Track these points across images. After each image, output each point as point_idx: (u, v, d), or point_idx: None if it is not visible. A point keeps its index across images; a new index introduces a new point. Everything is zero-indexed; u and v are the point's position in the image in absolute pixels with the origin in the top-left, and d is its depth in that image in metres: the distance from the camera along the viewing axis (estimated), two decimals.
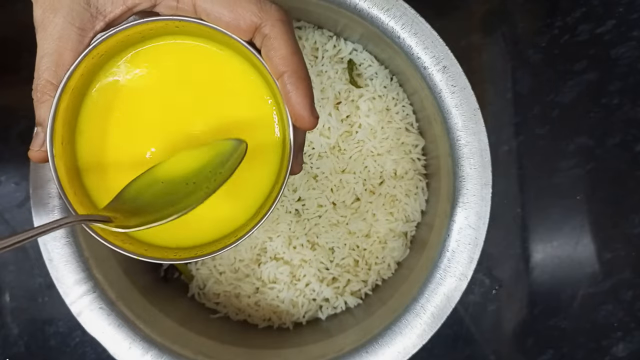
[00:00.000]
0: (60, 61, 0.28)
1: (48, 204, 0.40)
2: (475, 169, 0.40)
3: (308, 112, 0.28)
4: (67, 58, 0.28)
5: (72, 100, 0.29)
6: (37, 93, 0.29)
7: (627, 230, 0.55)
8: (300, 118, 0.28)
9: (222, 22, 0.27)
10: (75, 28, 0.28)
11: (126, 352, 0.40)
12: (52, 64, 0.28)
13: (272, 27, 0.27)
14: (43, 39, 0.28)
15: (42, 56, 0.28)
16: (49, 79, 0.28)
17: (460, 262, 0.40)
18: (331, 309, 0.51)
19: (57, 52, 0.28)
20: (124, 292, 0.43)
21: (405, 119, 0.50)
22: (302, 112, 0.28)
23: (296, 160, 0.30)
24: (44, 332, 0.54)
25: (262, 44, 0.28)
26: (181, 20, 0.28)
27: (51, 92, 0.28)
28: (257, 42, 0.28)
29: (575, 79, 0.55)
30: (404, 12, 0.40)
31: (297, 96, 0.28)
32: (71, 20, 0.28)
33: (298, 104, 0.28)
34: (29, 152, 0.30)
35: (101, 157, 0.31)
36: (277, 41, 0.27)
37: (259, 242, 0.50)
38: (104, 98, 0.30)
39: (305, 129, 0.29)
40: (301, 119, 0.28)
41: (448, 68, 0.40)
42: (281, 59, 0.28)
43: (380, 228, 0.50)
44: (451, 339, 0.54)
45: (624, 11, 0.55)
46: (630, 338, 0.54)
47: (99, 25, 0.28)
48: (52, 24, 0.28)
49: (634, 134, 0.55)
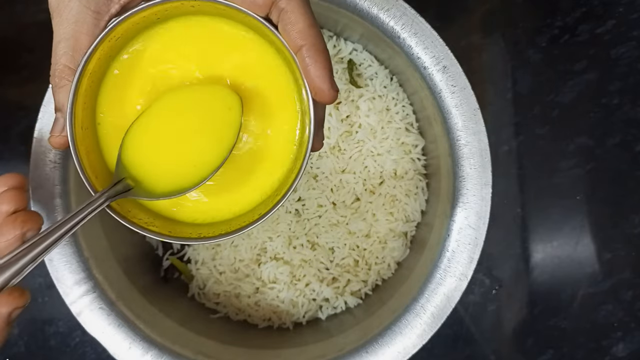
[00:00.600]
0: (77, 45, 0.28)
1: (48, 203, 0.40)
2: (475, 169, 0.40)
3: (328, 85, 0.28)
4: (83, 42, 0.28)
5: (90, 84, 0.29)
6: (55, 78, 0.28)
7: (627, 230, 0.55)
8: (320, 91, 0.28)
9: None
10: (91, 12, 0.28)
11: (126, 352, 0.40)
12: (69, 48, 0.28)
13: (288, 1, 0.27)
14: (59, 24, 0.28)
15: (58, 41, 0.28)
16: (67, 63, 0.28)
17: (460, 262, 0.40)
18: (331, 309, 0.51)
19: (73, 37, 0.28)
20: (124, 292, 0.43)
21: (405, 119, 0.50)
22: (322, 85, 0.27)
23: (317, 136, 0.30)
24: (44, 332, 0.54)
25: (279, 18, 0.27)
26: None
27: (69, 77, 0.28)
28: (273, 17, 0.28)
29: (575, 79, 0.55)
30: (404, 12, 0.40)
31: (316, 69, 0.27)
32: (86, 4, 0.28)
33: (318, 77, 0.27)
34: (49, 138, 0.30)
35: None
36: (294, 15, 0.27)
37: (259, 242, 0.50)
38: (122, 81, 0.30)
39: (325, 102, 0.28)
40: (321, 92, 0.28)
41: (448, 68, 0.40)
42: (299, 32, 0.27)
43: (380, 228, 0.50)
44: (451, 339, 0.54)
45: (624, 11, 0.55)
46: (630, 338, 0.54)
47: (114, 8, 0.28)
48: (67, 9, 0.28)
49: (634, 134, 0.55)
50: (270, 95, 0.31)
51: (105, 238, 0.45)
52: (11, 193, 0.30)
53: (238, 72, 0.30)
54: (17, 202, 0.30)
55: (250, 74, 0.30)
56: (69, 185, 0.41)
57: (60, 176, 0.41)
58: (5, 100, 0.56)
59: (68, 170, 0.41)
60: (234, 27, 0.30)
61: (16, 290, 0.28)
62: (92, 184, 0.29)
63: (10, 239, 0.28)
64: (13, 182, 0.31)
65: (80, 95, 0.28)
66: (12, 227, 0.28)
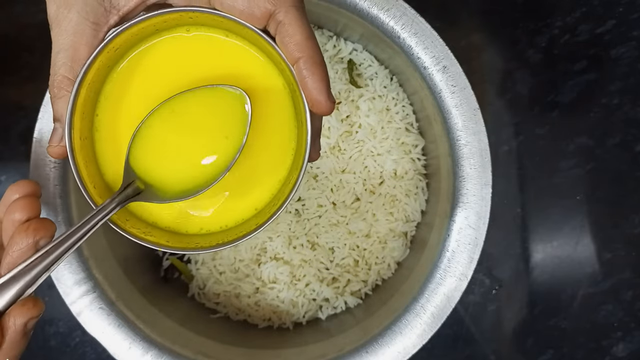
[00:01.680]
0: (75, 56, 0.28)
1: (48, 203, 0.40)
2: (475, 169, 0.40)
3: (325, 97, 0.28)
4: (82, 53, 0.28)
5: (88, 94, 0.29)
6: (54, 89, 0.29)
7: (627, 230, 0.55)
8: (317, 103, 0.28)
9: (236, 10, 0.27)
10: (90, 23, 0.28)
11: (126, 352, 0.40)
12: (67, 59, 0.28)
13: (285, 14, 0.27)
14: (58, 35, 0.28)
15: (57, 52, 0.28)
16: (66, 74, 0.28)
17: (460, 262, 0.40)
18: (331, 309, 0.51)
19: (72, 47, 0.28)
20: (124, 292, 0.43)
21: (405, 119, 0.50)
22: (319, 97, 0.28)
23: (314, 146, 0.30)
24: (44, 332, 0.54)
25: (277, 31, 0.28)
26: (195, 11, 0.28)
27: (68, 88, 0.28)
28: (271, 29, 0.28)
29: (575, 79, 0.55)
30: (404, 12, 0.40)
31: (313, 81, 0.28)
32: (85, 15, 0.28)
33: (315, 89, 0.28)
34: (48, 147, 0.30)
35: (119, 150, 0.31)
36: (292, 27, 0.27)
37: (259, 242, 0.50)
38: (120, 91, 0.31)
39: (322, 113, 0.29)
40: (318, 104, 0.28)
41: (448, 68, 0.40)
42: (296, 44, 0.27)
43: (380, 228, 0.50)
44: (451, 339, 0.54)
45: (624, 11, 0.55)
46: (630, 338, 0.54)
47: (112, 19, 0.28)
48: (66, 20, 0.28)
49: (634, 134, 0.55)
50: (267, 107, 0.31)
51: (105, 238, 0.45)
52: (24, 201, 0.30)
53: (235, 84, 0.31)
54: (30, 211, 0.30)
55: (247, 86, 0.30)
56: (68, 185, 0.41)
57: (60, 176, 0.41)
58: (5, 100, 0.56)
59: (68, 170, 0.41)
60: (232, 39, 0.30)
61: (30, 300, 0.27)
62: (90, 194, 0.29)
63: (23, 247, 0.28)
64: (25, 190, 0.31)
65: (79, 105, 0.28)
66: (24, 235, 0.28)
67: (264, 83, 0.31)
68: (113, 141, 0.31)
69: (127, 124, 0.31)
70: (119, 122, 0.31)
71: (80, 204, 0.42)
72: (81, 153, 0.29)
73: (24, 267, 0.26)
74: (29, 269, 0.26)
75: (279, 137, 0.31)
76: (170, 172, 0.30)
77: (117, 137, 0.31)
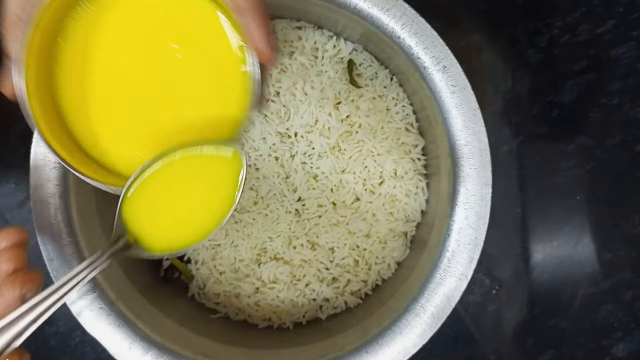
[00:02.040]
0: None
1: (48, 203, 0.40)
2: (475, 169, 0.40)
3: (265, 45, 0.31)
4: None
5: (44, 39, 0.29)
6: (7, 27, 0.28)
7: (627, 230, 0.55)
8: (261, 53, 0.31)
9: None
10: None
11: (126, 352, 0.40)
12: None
13: None
14: None
15: None
16: (18, 13, 0.28)
17: (460, 262, 0.40)
18: (331, 309, 0.51)
19: None
20: (124, 292, 0.43)
21: (405, 119, 0.50)
22: (263, 47, 0.30)
23: (263, 95, 0.32)
24: (44, 332, 0.54)
25: None
26: None
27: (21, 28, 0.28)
28: None
29: (575, 79, 0.55)
30: (404, 12, 0.40)
31: (258, 33, 0.30)
32: None
33: (259, 41, 0.30)
34: (0, 86, 0.30)
35: (83, 100, 0.31)
36: None
37: (259, 242, 0.50)
38: (77, 40, 0.30)
39: (264, 61, 0.31)
40: (260, 53, 0.31)
41: (448, 68, 0.40)
42: None
43: (380, 228, 0.50)
44: (451, 339, 0.54)
45: (624, 11, 0.55)
46: (630, 338, 0.54)
47: None
48: None
49: (634, 134, 0.55)
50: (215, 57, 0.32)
51: (105, 238, 0.45)
52: (11, 252, 0.29)
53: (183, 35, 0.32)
54: (17, 261, 0.29)
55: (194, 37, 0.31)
56: (69, 185, 0.41)
57: (60, 176, 0.41)
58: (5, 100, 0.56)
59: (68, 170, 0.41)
60: None
61: (16, 353, 0.27)
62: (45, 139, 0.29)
63: (10, 300, 0.28)
64: (13, 239, 0.30)
65: (34, 49, 0.28)
66: (11, 287, 0.28)
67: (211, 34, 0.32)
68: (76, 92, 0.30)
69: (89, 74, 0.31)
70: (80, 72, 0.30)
71: (81, 204, 0.42)
72: (36, 97, 0.29)
73: (11, 319, 0.26)
74: (16, 321, 0.26)
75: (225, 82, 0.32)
76: (161, 230, 0.31)
77: (79, 88, 0.30)
